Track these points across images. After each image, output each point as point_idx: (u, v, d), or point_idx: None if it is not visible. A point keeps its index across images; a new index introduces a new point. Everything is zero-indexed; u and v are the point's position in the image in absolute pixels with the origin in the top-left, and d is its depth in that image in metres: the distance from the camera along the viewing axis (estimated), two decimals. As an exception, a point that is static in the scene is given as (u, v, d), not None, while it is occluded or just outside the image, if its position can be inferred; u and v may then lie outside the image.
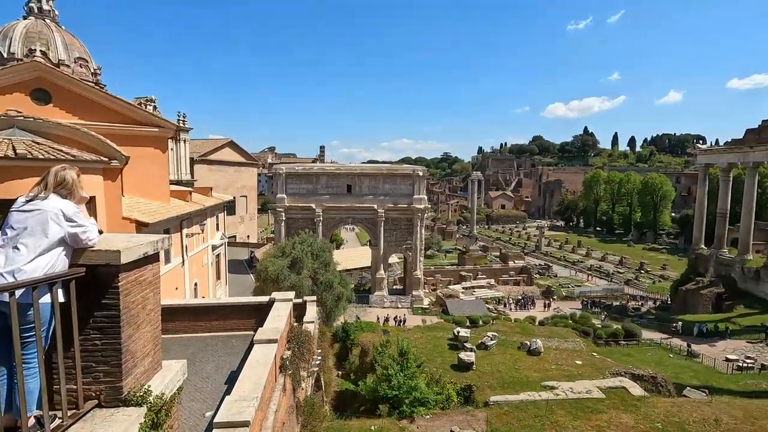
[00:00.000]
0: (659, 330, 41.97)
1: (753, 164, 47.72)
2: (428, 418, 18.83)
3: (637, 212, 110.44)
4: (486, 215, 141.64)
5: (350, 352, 31.73)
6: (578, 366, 26.01)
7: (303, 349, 11.98)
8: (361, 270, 63.13)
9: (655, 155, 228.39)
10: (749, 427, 18.10)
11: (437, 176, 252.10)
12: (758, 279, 45.79)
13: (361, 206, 51.19)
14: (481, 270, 67.73)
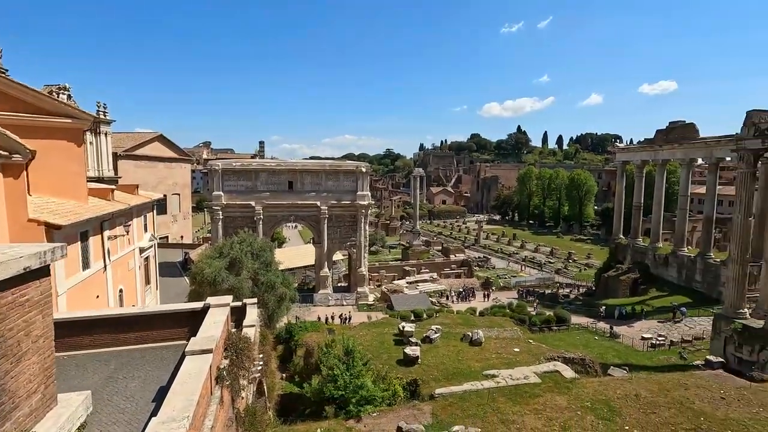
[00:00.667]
0: (586, 314, 45.38)
1: (662, 162, 53.01)
2: (375, 416, 18.74)
3: (565, 206, 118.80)
4: (428, 211, 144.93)
5: (294, 353, 30.90)
6: (516, 353, 27.31)
7: (242, 357, 11.26)
8: (305, 268, 61.83)
9: (579, 153, 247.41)
10: (663, 398, 20.01)
11: (380, 172, 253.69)
12: (667, 264, 51.07)
13: (304, 203, 49.99)
14: (425, 264, 69.14)
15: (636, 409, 19.02)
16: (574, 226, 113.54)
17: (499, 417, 18.38)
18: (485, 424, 17.73)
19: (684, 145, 48.23)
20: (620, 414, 18.56)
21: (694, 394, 20.45)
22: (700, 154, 47.52)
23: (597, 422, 17.92)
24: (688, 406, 19.22)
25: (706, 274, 45.84)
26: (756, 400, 20.04)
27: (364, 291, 51.17)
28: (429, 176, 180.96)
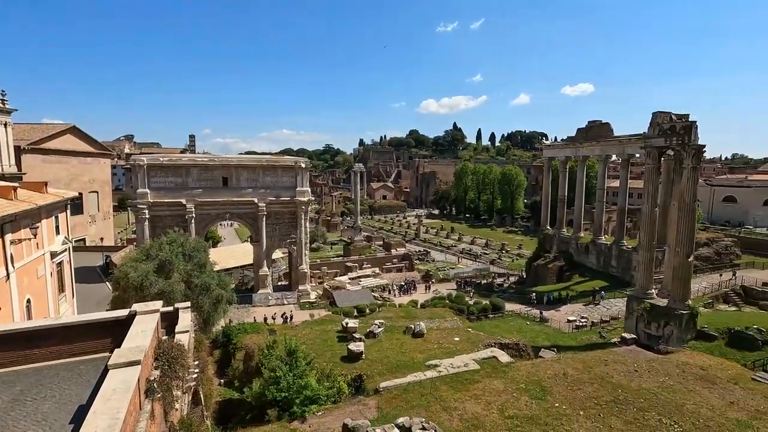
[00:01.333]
0: (519, 301, 48.26)
1: (582, 158, 57.58)
2: (320, 415, 18.49)
3: (498, 200, 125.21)
4: (369, 206, 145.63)
5: (233, 357, 29.61)
6: (457, 342, 28.34)
7: (175, 366, 10.50)
8: (243, 268, 59.43)
9: (510, 149, 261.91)
10: (587, 375, 21.83)
11: (320, 168, 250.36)
12: (587, 252, 55.75)
13: (240, 200, 47.89)
14: (366, 260, 69.40)
15: (564, 386, 20.56)
16: (506, 218, 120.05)
17: (442, 405, 18.95)
18: (429, 413, 18.18)
19: (601, 142, 52.74)
20: (551, 392, 19.95)
21: (612, 369, 22.54)
22: (615, 151, 52.26)
23: (530, 402, 19.11)
24: (608, 380, 21.14)
25: (620, 260, 50.69)
26: (662, 370, 22.54)
27: (305, 289, 50.27)
28: (369, 172, 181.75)
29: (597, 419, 17.67)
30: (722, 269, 52.66)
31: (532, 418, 17.69)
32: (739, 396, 19.68)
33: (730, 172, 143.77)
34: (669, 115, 31.76)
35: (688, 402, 19.00)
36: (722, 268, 52.96)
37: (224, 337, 32.80)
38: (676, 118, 31.37)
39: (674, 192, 36.00)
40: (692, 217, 30.31)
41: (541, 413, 18.13)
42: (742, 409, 18.47)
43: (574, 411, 18.32)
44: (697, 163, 30.16)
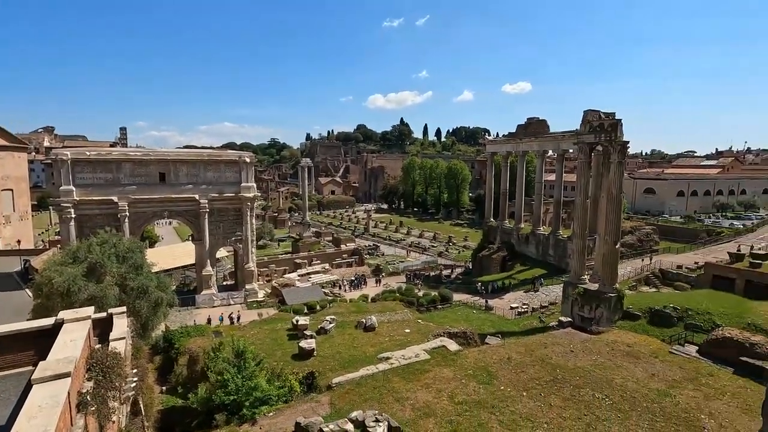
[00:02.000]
0: (465, 291, 50.05)
1: (522, 153, 60.60)
2: (271, 416, 18.07)
3: (444, 194, 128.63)
4: (317, 201, 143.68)
5: (176, 362, 28.13)
6: (408, 334, 28.87)
7: (111, 376, 9.77)
8: (184, 268, 56.43)
9: (455, 144, 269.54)
10: (529, 358, 23.17)
11: (266, 163, 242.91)
12: (528, 242, 58.92)
13: (180, 197, 45.28)
14: (316, 256, 68.56)
15: (509, 370, 21.67)
16: (453, 212, 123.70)
17: (394, 396, 19.25)
18: (382, 405, 18.40)
19: (538, 138, 55.79)
20: (497, 376, 20.95)
21: (551, 351, 24.08)
22: (551, 146, 55.52)
23: (478, 387, 19.94)
24: (548, 362, 22.57)
25: (557, 249, 54.11)
26: (595, 349, 24.44)
27: (253, 288, 48.72)
28: (317, 166, 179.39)
29: (538, 398, 18.81)
30: (644, 255, 57.91)
31: (480, 402, 18.48)
32: (659, 368, 21.83)
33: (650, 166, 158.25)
34: (598, 114, 34.23)
35: (616, 377, 20.76)
36: (644, 254, 58.25)
37: (165, 342, 31.03)
38: (604, 116, 33.89)
39: (603, 185, 38.91)
40: (619, 207, 33.00)
41: (488, 397, 18.99)
42: (661, 380, 20.50)
43: (518, 392, 19.38)
44: (623, 157, 32.83)
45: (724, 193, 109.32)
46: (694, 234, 75.39)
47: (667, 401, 18.50)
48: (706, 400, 18.68)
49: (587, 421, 17.05)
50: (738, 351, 22.15)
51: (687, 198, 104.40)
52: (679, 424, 16.83)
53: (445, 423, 16.98)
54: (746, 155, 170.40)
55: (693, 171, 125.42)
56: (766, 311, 28.05)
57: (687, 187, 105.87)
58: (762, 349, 21.81)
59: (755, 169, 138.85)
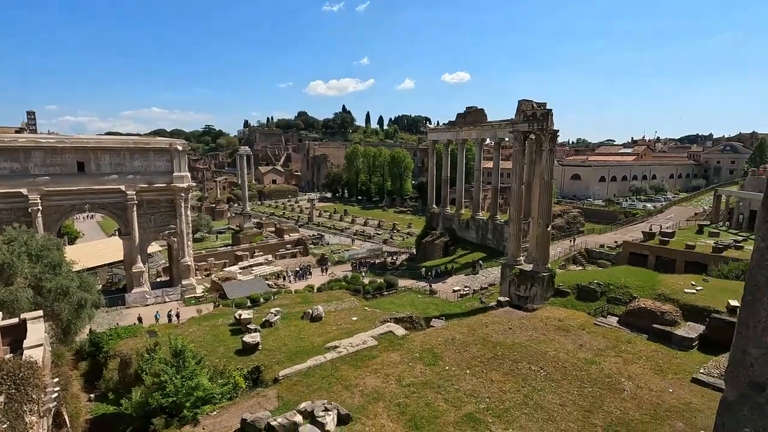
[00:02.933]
0: (410, 277, 51.17)
1: (462, 141, 62.48)
2: (215, 415, 17.36)
3: (388, 182, 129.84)
4: (258, 191, 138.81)
5: (105, 367, 26.06)
6: (355, 322, 28.95)
7: (26, 388, 8.77)
8: (111, 266, 52.15)
9: (397, 132, 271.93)
10: (471, 337, 24.23)
11: (200, 151, 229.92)
12: (468, 228, 61.28)
13: (102, 188, 41.51)
14: (258, 247, 66.45)
15: (453, 350, 22.52)
16: (396, 199, 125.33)
17: (343, 384, 19.28)
18: (331, 394, 18.36)
19: (477, 127, 57.77)
20: (442, 357, 21.70)
21: (491, 330, 25.35)
22: (488, 135, 57.76)
23: (425, 368, 20.54)
24: (489, 340, 23.74)
25: (495, 233, 56.82)
26: (530, 325, 26.09)
27: (190, 283, 46.21)
28: (257, 155, 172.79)
29: (481, 375, 19.77)
30: (571, 236, 62.61)
31: (427, 383, 19.06)
32: (586, 339, 23.82)
33: (576, 154, 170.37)
34: (531, 103, 36.05)
35: (550, 349, 22.35)
36: (571, 235, 62.97)
37: (92, 346, 28.61)
38: (537, 106, 35.78)
39: (536, 171, 41.27)
40: (550, 193, 35.22)
41: (434, 377, 19.63)
42: (588, 350, 22.39)
43: (462, 371, 20.22)
44: (554, 145, 34.96)
45: (638, 178, 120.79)
46: (613, 216, 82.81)
47: (593, 368, 20.25)
48: (625, 364, 20.70)
49: (525, 392, 18.21)
50: (651, 319, 24.74)
51: (608, 183, 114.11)
52: (603, 387, 18.52)
53: (394, 406, 17.33)
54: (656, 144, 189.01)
55: (612, 158, 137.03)
56: (673, 282, 31.55)
57: (608, 173, 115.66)
58: (670, 317, 24.53)
59: (664, 156, 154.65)
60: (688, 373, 19.59)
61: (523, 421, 16.14)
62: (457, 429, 15.72)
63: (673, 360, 21.28)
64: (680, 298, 27.42)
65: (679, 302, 26.83)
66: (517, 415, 16.54)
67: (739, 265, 36.18)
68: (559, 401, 17.50)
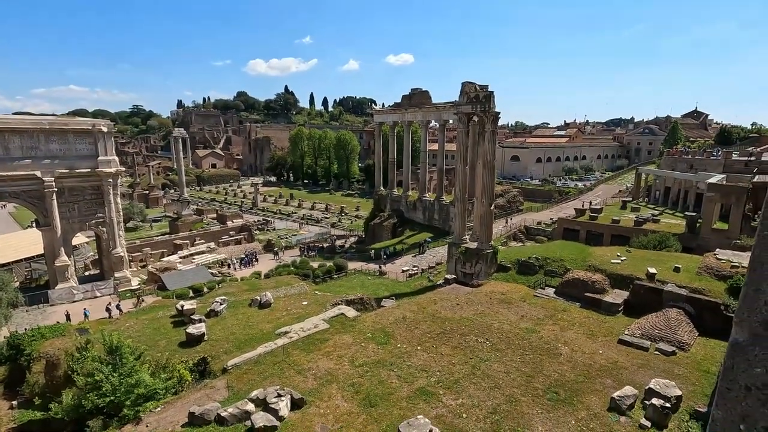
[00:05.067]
0: (360, 260, 51.30)
1: (407, 123, 62.78)
2: (159, 411, 16.50)
3: (334, 164, 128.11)
4: (196, 176, 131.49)
5: (28, 371, 23.78)
6: (305, 306, 28.64)
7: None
8: (29, 261, 47.21)
9: (343, 114, 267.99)
10: (421, 315, 24.89)
11: (129, 133, 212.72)
12: (415, 209, 62.29)
13: (14, 175, 37.07)
14: (199, 235, 63.25)
15: (404, 328, 23.02)
16: (343, 182, 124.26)
17: (296, 369, 19.10)
18: (283, 379, 18.12)
19: (422, 108, 58.25)
20: (393, 336, 22.12)
21: (440, 306, 26.19)
22: (433, 116, 58.51)
23: (377, 347, 20.85)
24: (438, 316, 24.53)
25: (441, 213, 58.28)
26: (476, 300, 27.27)
27: (124, 275, 43.04)
28: (193, 137, 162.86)
29: (431, 350, 20.43)
30: (512, 214, 65.87)
31: (380, 362, 19.37)
32: (527, 310, 25.35)
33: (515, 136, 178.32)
34: (474, 86, 36.83)
35: (494, 322, 23.54)
36: (512, 213, 66.25)
37: (11, 350, 25.90)
38: (480, 88, 36.63)
39: (479, 152, 42.58)
40: (493, 173, 36.52)
41: (387, 355, 20.00)
42: (529, 320, 23.86)
43: (413, 347, 20.76)
44: (496, 127, 36.11)
45: (570, 159, 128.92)
46: (549, 194, 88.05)
47: (534, 336, 21.65)
48: (561, 331, 22.33)
49: (472, 363, 19.09)
50: (583, 288, 26.79)
51: (544, 164, 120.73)
52: (543, 353, 19.88)
53: (348, 386, 17.46)
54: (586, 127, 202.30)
55: (548, 140, 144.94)
56: (602, 254, 34.29)
57: (543, 155, 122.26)
58: (599, 285, 26.70)
59: (592, 138, 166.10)
60: (615, 335, 21.54)
61: (472, 390, 16.94)
62: (410, 403, 16.18)
63: (603, 324, 23.26)
64: (608, 268, 29.86)
65: (607, 272, 29.22)
66: (466, 385, 17.32)
67: (656, 237, 40.08)
68: (504, 369, 18.55)
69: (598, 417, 15.05)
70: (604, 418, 14.98)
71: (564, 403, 15.94)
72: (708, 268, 27.38)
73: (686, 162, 72.15)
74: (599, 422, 14.76)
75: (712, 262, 27.98)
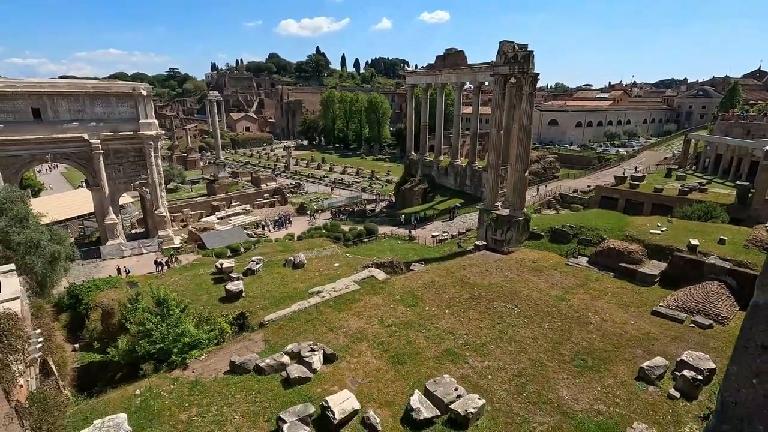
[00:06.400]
0: (390, 224, 51.76)
1: (441, 85, 60.88)
2: (203, 359, 17.84)
3: (365, 128, 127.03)
4: (231, 139, 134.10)
5: (87, 318, 26.03)
6: (336, 268, 29.50)
7: (8, 338, 8.71)
8: (82, 218, 50.57)
9: (374, 77, 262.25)
10: (450, 279, 25.17)
11: (166, 97, 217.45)
12: (447, 174, 61.50)
13: (63, 137, 39.14)
14: (235, 197, 65.34)
15: (433, 292, 23.43)
16: (374, 147, 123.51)
17: (328, 326, 19.99)
18: (316, 336, 19.05)
19: (457, 70, 56.15)
20: (422, 299, 22.59)
21: (469, 272, 26.35)
22: (468, 78, 56.38)
23: (406, 309, 21.41)
24: (466, 281, 24.74)
25: (473, 179, 57.32)
26: (506, 266, 27.21)
27: (167, 234, 45.50)
28: (227, 101, 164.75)
29: (459, 314, 20.79)
30: (547, 181, 63.94)
31: (408, 323, 19.95)
32: (558, 278, 25.12)
33: (554, 99, 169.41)
34: (513, 45, 34.99)
35: (524, 289, 23.53)
36: (546, 180, 64.30)
37: (71, 298, 28.33)
38: (518, 47, 34.78)
39: (515, 116, 41.06)
40: (528, 138, 35.29)
41: (415, 317, 20.54)
42: (559, 288, 23.69)
43: (441, 311, 21.19)
44: (534, 89, 34.51)
45: (613, 123, 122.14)
46: (588, 161, 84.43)
47: (563, 305, 21.56)
48: (592, 300, 22.10)
49: (500, 328, 19.35)
50: (618, 258, 26.13)
51: (584, 128, 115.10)
52: (572, 321, 19.84)
53: (377, 344, 18.18)
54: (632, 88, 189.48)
55: (589, 103, 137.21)
56: (640, 224, 33.03)
57: (584, 118, 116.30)
58: (636, 256, 25.94)
59: (639, 101, 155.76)
60: (649, 307, 21.12)
61: (498, 354, 17.27)
62: (437, 363, 16.73)
63: (637, 295, 22.80)
64: (646, 239, 28.84)
65: (645, 242, 28.24)
66: (492, 349, 17.66)
67: (702, 207, 38.05)
68: (531, 335, 18.71)
69: (625, 385, 15.09)
70: (632, 386, 15.00)
71: (591, 370, 16.03)
72: (757, 240, 25.95)
73: (743, 127, 66.87)
74: (626, 390, 14.82)
75: (762, 234, 26.46)
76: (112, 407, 14.35)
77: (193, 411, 14.21)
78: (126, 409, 14.14)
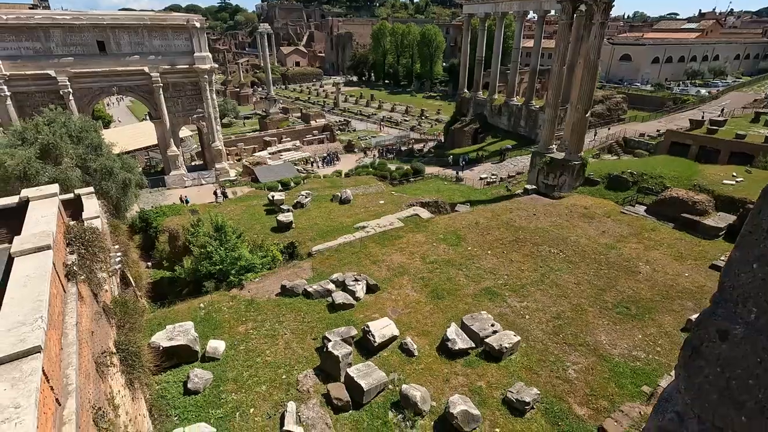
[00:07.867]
0: (437, 164, 51.04)
1: (501, 14, 56.00)
2: (257, 281, 19.47)
3: (417, 64, 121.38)
4: (281, 74, 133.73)
5: (156, 240, 28.78)
6: (381, 205, 30.01)
7: (93, 249, 9.93)
8: (147, 150, 54.11)
9: (429, 6, 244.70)
10: (495, 222, 24.94)
11: (218, 30, 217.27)
12: (500, 114, 58.48)
13: (126, 69, 40.86)
14: (285, 133, 66.55)
15: (476, 233, 23.43)
16: (425, 83, 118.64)
17: (371, 260, 20.85)
18: (360, 267, 20.00)
19: (520, -3, 51.11)
20: (465, 239, 22.72)
21: (515, 215, 25.89)
22: (532, 6, 51.30)
23: (448, 248, 21.73)
24: (511, 224, 24.42)
25: (528, 120, 54.20)
26: (555, 212, 26.39)
27: (223, 167, 47.86)
28: (277, 33, 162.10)
29: (501, 256, 20.82)
30: (611, 124, 59.11)
31: (449, 261, 20.34)
32: (610, 226, 24.11)
33: (630, 30, 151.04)
34: (587, -35, 30.98)
35: (571, 235, 22.91)
36: (611, 123, 59.43)
37: (142, 222, 31.27)
38: (593, -33, 30.74)
39: (581, 50, 37.40)
40: (594, 74, 32.24)
41: (457, 256, 20.85)
42: (610, 236, 22.82)
43: (483, 251, 21.30)
44: (606, 18, 30.88)
45: (697, 59, 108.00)
46: (661, 102, 76.48)
47: (612, 253, 20.88)
48: (645, 250, 21.18)
49: (542, 272, 19.26)
50: (681, 209, 24.44)
51: (661, 65, 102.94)
52: (620, 270, 19.30)
53: (418, 279, 18.84)
54: (728, 17, 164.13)
55: (672, 35, 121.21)
56: (713, 173, 30.25)
57: (663, 53, 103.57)
58: (701, 206, 24.11)
59: (732, 33, 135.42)
60: (708, 260, 19.97)
61: (538, 296, 17.37)
62: (476, 300, 17.17)
63: (696, 247, 21.54)
64: (716, 189, 26.54)
65: (715, 193, 26.04)
66: (532, 291, 17.75)
67: (791, 156, 33.99)
68: (575, 280, 18.51)
69: (668, 335, 14.83)
70: (675, 337, 14.72)
71: (633, 318, 15.81)
72: None
73: None
74: (669, 340, 14.59)
75: None
76: (180, 316, 16.30)
77: (249, 325, 15.82)
78: (192, 318, 16.00)
